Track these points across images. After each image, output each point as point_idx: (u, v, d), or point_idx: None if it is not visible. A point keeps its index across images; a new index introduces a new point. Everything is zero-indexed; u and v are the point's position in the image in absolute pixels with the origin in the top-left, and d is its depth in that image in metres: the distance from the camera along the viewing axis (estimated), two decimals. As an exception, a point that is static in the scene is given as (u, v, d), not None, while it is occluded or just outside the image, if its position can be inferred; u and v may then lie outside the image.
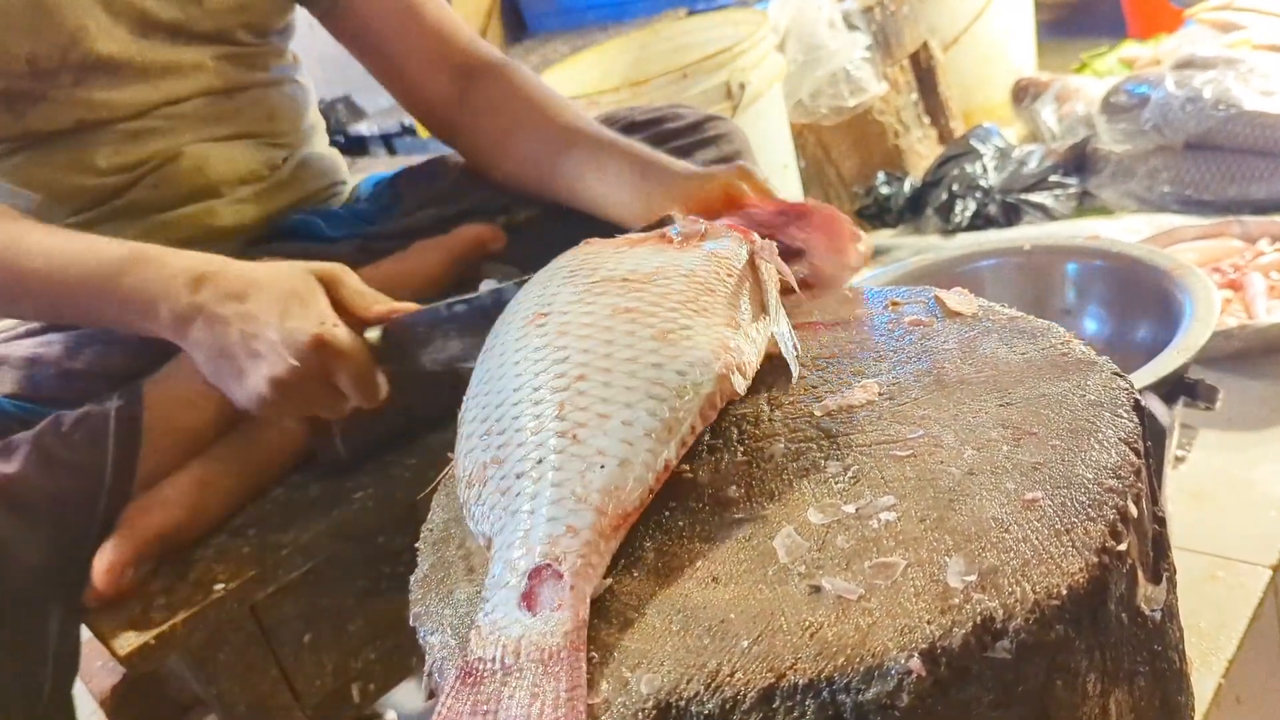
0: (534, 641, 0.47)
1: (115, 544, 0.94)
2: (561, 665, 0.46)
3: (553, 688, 0.45)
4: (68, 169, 1.08)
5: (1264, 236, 1.64)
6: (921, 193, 2.31)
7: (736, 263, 0.67)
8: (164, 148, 1.10)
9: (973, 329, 0.67)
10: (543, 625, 0.48)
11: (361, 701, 1.09)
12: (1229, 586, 1.12)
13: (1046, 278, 1.24)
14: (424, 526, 0.65)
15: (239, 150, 1.15)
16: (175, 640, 0.91)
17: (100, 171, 1.08)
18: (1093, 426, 0.54)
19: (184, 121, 1.11)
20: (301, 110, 1.24)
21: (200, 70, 1.11)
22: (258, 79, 1.17)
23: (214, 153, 1.13)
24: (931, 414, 0.58)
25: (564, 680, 0.45)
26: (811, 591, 0.48)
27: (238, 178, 1.15)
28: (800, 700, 0.43)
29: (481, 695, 0.46)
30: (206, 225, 1.13)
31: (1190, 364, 0.98)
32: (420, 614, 0.56)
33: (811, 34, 2.26)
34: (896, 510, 0.51)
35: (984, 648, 0.44)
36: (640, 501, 0.54)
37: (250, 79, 1.16)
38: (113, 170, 1.09)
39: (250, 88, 1.16)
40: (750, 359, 0.62)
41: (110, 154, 1.08)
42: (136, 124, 1.08)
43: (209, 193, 1.14)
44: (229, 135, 1.15)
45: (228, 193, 1.15)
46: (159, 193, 1.11)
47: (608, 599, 0.51)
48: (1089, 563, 0.46)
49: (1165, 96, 1.96)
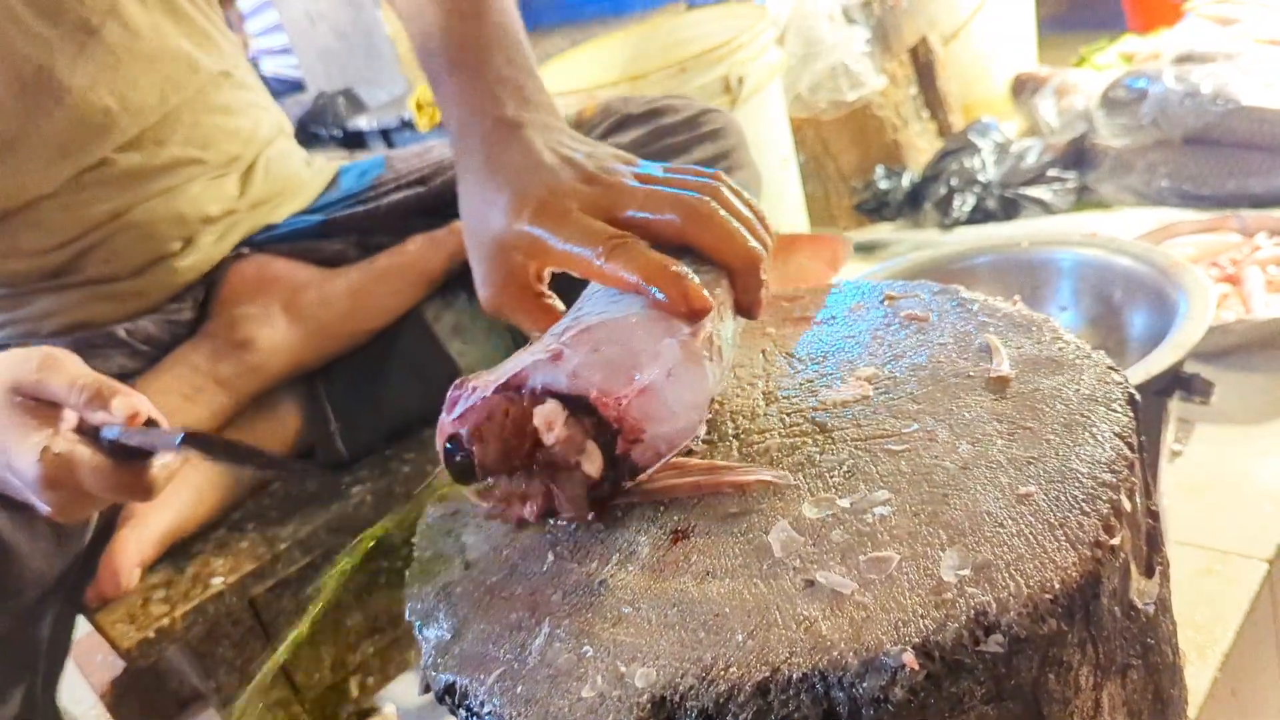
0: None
1: (119, 545, 0.94)
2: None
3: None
4: (2, 255, 1.04)
5: (1262, 231, 1.65)
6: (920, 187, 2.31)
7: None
8: (102, 214, 1.05)
9: (968, 323, 0.67)
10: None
11: (360, 695, 1.10)
12: (1225, 580, 1.13)
13: (1043, 273, 1.24)
14: (420, 521, 0.65)
15: (184, 199, 1.10)
16: (175, 634, 0.92)
17: (37, 251, 1.04)
18: (1087, 421, 0.54)
19: (116, 184, 1.05)
20: (241, 118, 1.16)
21: (112, 127, 1.03)
22: (179, 106, 1.09)
23: (159, 211, 1.08)
24: (926, 408, 0.59)
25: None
26: (806, 586, 0.48)
27: (190, 230, 1.11)
28: (795, 694, 0.44)
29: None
30: (167, 283, 1.10)
31: (1185, 360, 0.98)
32: (416, 608, 0.57)
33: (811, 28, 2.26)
34: (891, 504, 0.52)
35: (977, 641, 0.44)
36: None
37: (168, 111, 1.08)
38: (50, 247, 1.04)
39: (174, 122, 1.09)
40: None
41: (43, 233, 1.03)
42: (63, 198, 1.03)
43: (162, 254, 1.09)
44: (170, 186, 1.09)
45: (181, 247, 1.11)
46: (111, 267, 1.07)
47: (602, 593, 0.51)
48: (1082, 556, 0.46)
49: (1164, 91, 1.96)
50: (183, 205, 1.10)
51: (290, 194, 1.22)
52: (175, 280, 1.11)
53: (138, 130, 1.06)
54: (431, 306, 1.15)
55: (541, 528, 0.58)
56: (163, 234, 1.09)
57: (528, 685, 0.48)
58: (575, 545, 0.56)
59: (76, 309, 1.08)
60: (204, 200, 1.12)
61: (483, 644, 0.51)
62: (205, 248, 1.13)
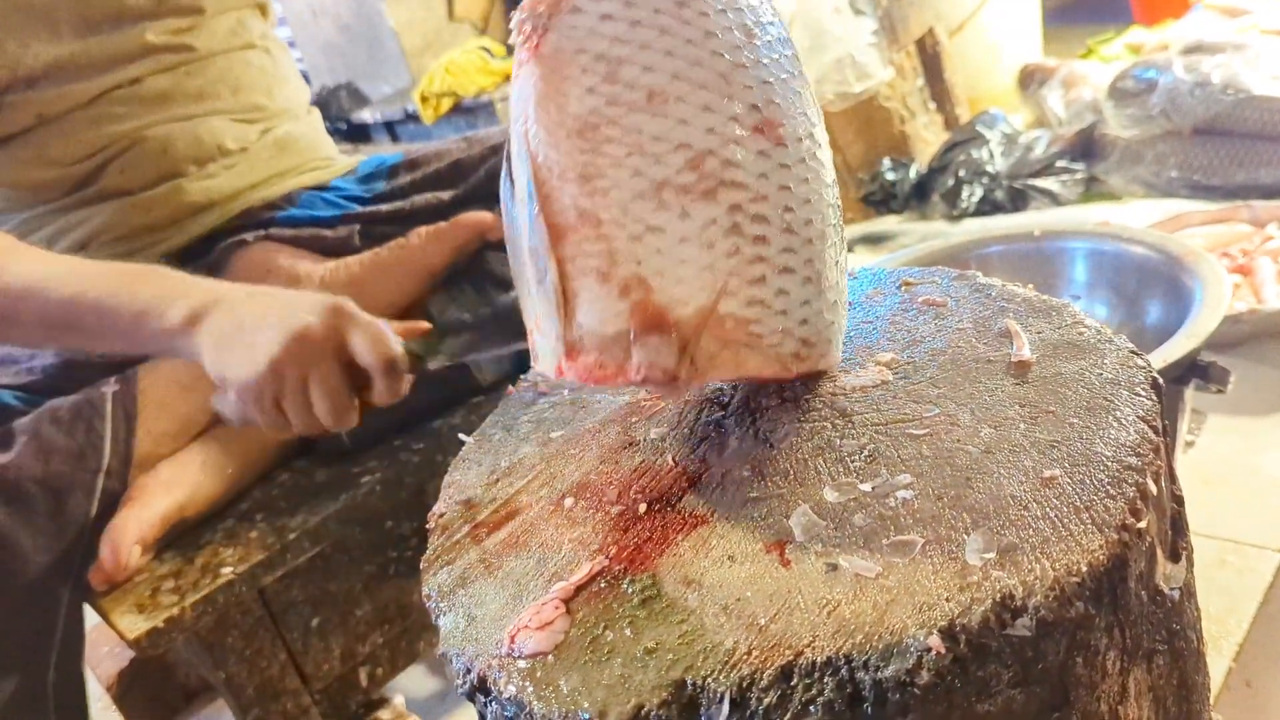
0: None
1: (119, 524, 0.94)
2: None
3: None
4: (32, 164, 1.09)
5: (1272, 221, 1.64)
6: (928, 178, 2.30)
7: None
8: (126, 130, 1.11)
9: (987, 308, 0.66)
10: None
11: (369, 686, 1.09)
12: (1238, 571, 1.12)
13: (1056, 262, 1.23)
14: (433, 510, 0.64)
15: (204, 128, 1.15)
16: (184, 624, 0.91)
17: (64, 162, 1.09)
18: (1110, 404, 0.54)
19: (142, 104, 1.12)
20: (274, 81, 1.23)
21: (150, 50, 1.11)
22: (215, 49, 1.17)
23: (177, 132, 1.13)
24: (947, 393, 0.58)
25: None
26: (829, 569, 0.47)
27: (205, 155, 1.16)
28: (818, 678, 0.43)
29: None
30: (176, 203, 1.14)
31: (1200, 349, 0.97)
32: (431, 594, 0.56)
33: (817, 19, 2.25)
34: (913, 488, 0.51)
35: (1003, 625, 0.43)
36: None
37: (206, 49, 1.16)
38: (76, 159, 1.09)
39: (207, 59, 1.16)
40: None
41: (72, 143, 1.09)
42: (94, 110, 1.09)
43: (175, 172, 1.14)
44: (192, 114, 1.15)
45: (195, 171, 1.15)
46: (126, 177, 1.11)
47: (623, 578, 0.51)
48: (1109, 540, 0.46)
49: (1173, 81, 1.95)
50: (202, 132, 1.15)
51: (306, 169, 1.24)
52: (183, 201, 1.14)
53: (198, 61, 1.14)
54: (436, 300, 1.14)
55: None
56: (179, 154, 1.13)
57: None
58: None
59: (91, 220, 1.11)
60: (222, 133, 1.16)
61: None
62: (217, 179, 1.16)
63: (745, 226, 0.55)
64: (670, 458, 0.60)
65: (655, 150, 0.54)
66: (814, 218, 0.58)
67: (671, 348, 0.54)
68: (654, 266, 0.54)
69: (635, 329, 0.54)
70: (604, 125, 0.54)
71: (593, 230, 0.54)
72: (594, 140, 0.54)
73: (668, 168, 0.54)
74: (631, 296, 0.54)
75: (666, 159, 0.54)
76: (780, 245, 0.56)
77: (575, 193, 0.54)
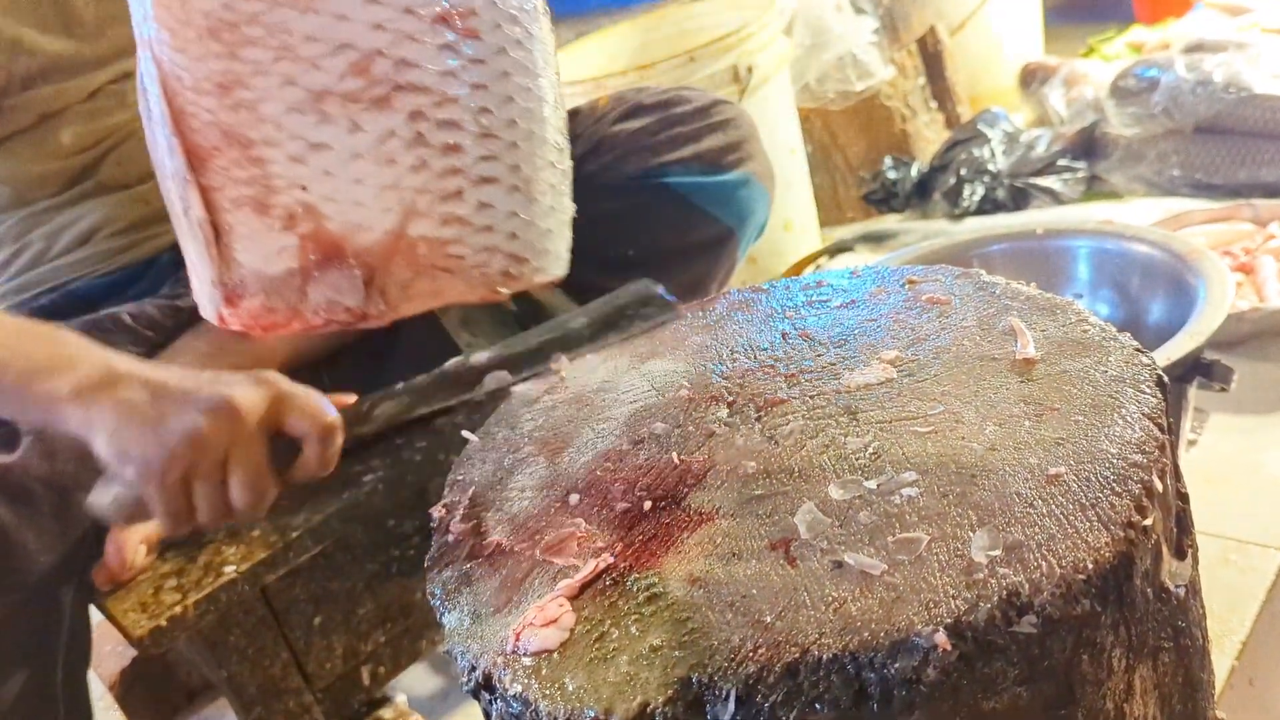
0: None
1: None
2: None
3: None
4: (33, 159, 1.09)
5: (1275, 220, 1.63)
6: (929, 177, 2.29)
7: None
8: (124, 120, 1.11)
9: (991, 306, 0.66)
10: None
11: (371, 684, 1.09)
12: (1241, 569, 1.12)
13: (1059, 261, 1.23)
14: (434, 508, 0.64)
15: None
16: (186, 622, 0.91)
17: (62, 154, 1.10)
18: (1115, 402, 0.54)
19: (135, 94, 1.12)
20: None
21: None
22: None
23: None
24: (952, 390, 0.58)
25: None
26: (834, 567, 0.47)
27: None
28: (825, 675, 0.43)
29: None
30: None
31: (1203, 347, 0.97)
32: (435, 592, 0.56)
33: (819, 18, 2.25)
34: (919, 486, 0.51)
35: (1009, 622, 0.43)
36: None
37: None
38: (76, 150, 1.10)
39: None
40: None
41: (70, 136, 1.09)
42: (90, 104, 1.09)
43: None
44: None
45: None
46: (124, 170, 1.12)
47: (628, 576, 0.51)
48: (1115, 537, 0.46)
49: (1175, 80, 1.94)
50: None
51: None
52: None
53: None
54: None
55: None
56: None
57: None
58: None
59: (91, 214, 1.12)
60: None
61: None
62: None
63: (431, 135, 0.47)
64: (675, 455, 0.59)
65: (310, 53, 0.45)
66: (518, 117, 0.50)
67: (355, 282, 0.47)
68: (323, 191, 0.47)
69: (308, 265, 0.47)
70: (242, 24, 0.45)
71: (241, 152, 0.46)
72: (231, 43, 0.46)
73: (327, 74, 0.46)
74: (299, 228, 0.47)
75: (325, 63, 0.46)
76: (477, 153, 0.49)
77: (214, 106, 0.46)
